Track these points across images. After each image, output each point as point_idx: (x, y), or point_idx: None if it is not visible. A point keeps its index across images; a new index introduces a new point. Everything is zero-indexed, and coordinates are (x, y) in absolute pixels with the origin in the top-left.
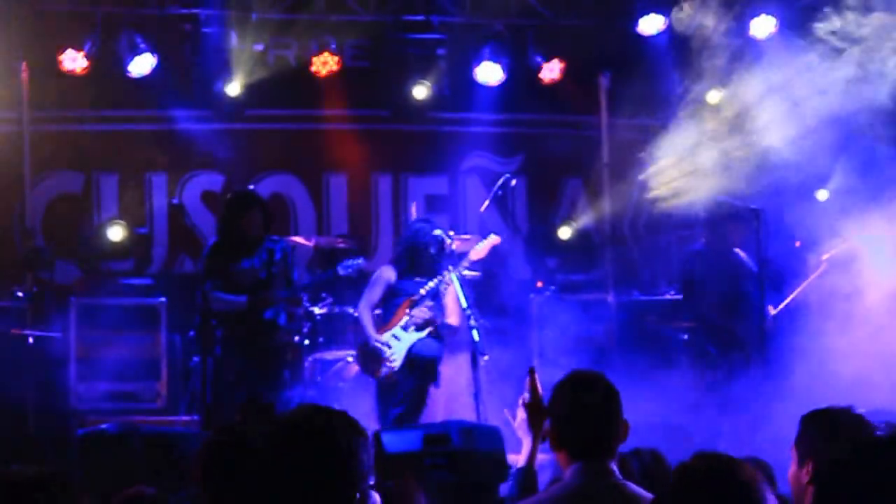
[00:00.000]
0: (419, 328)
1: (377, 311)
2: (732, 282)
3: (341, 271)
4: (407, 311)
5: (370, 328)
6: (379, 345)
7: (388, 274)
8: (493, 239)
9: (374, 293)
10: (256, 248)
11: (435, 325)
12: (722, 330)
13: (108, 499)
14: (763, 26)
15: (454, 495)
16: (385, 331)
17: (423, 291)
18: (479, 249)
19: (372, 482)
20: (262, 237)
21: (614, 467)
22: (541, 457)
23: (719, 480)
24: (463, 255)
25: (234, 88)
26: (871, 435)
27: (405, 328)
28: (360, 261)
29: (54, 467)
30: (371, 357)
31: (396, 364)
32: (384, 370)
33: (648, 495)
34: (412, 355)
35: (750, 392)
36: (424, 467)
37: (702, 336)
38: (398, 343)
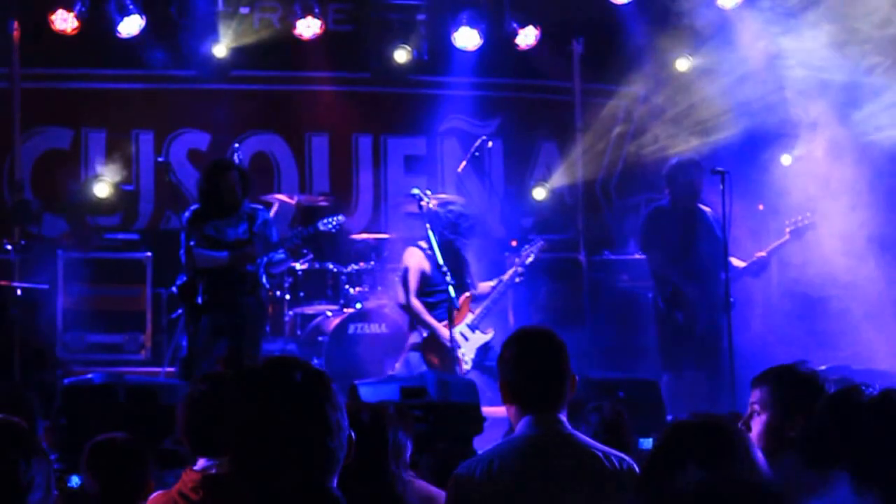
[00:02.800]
0: (484, 330)
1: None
2: (692, 240)
3: (322, 227)
4: (471, 308)
5: (432, 319)
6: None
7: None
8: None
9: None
10: (236, 211)
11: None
12: (680, 290)
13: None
14: None
15: (429, 447)
16: (446, 326)
17: (487, 286)
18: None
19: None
20: (240, 201)
21: (563, 418)
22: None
23: (710, 436)
24: (439, 215)
25: (220, 50)
26: (857, 394)
27: (472, 328)
28: (341, 217)
29: (37, 417)
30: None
31: (469, 366)
32: (457, 371)
33: (597, 445)
34: (488, 365)
35: (713, 350)
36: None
37: (662, 297)
38: (467, 343)
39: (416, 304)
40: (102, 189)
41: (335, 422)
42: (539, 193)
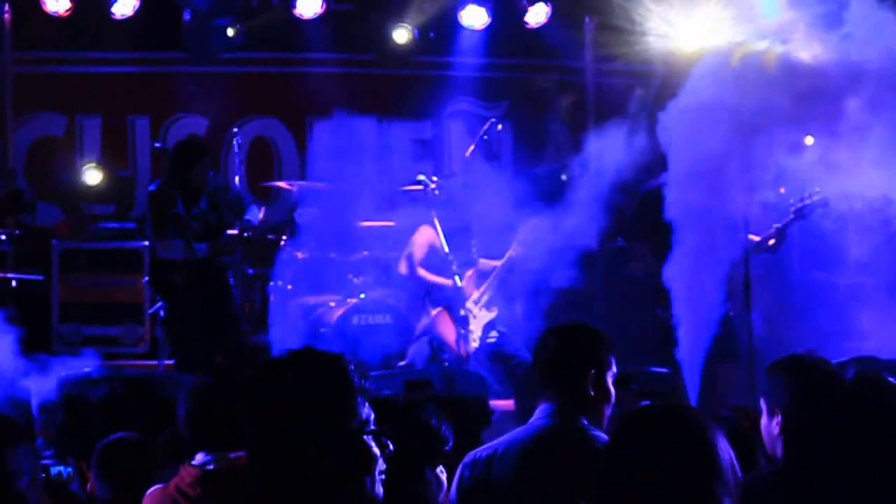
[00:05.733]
0: (489, 308)
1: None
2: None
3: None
4: (476, 285)
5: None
6: (467, 313)
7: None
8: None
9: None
10: (202, 194)
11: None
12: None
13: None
14: None
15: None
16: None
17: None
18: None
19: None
20: (207, 183)
21: (581, 413)
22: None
23: (661, 428)
24: (446, 202)
25: (231, 32)
26: (839, 381)
27: (478, 304)
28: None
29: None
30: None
31: (476, 344)
32: (463, 349)
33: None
34: (497, 347)
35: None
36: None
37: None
38: (474, 321)
39: (421, 271)
40: (95, 176)
41: (357, 416)
42: (547, 178)
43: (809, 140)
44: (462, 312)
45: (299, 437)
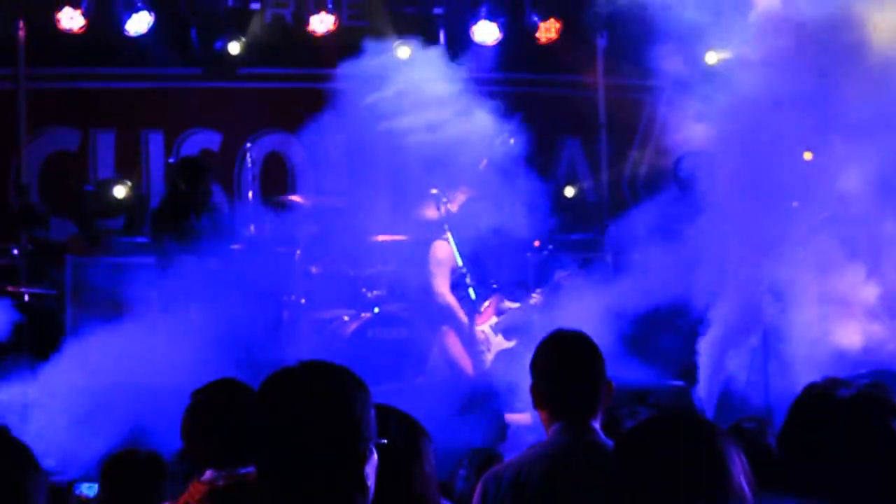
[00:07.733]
0: (508, 337)
1: None
2: None
3: None
4: (497, 312)
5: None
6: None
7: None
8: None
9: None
10: (203, 211)
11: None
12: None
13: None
14: None
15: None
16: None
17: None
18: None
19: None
20: (211, 200)
21: (596, 426)
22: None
23: (668, 439)
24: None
25: (235, 47)
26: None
27: (495, 330)
28: None
29: None
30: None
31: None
32: (477, 367)
33: None
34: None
35: None
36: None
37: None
38: (489, 345)
39: (448, 297)
40: (118, 192)
41: (363, 428)
42: (569, 192)
43: (808, 155)
44: (477, 332)
45: (306, 451)
